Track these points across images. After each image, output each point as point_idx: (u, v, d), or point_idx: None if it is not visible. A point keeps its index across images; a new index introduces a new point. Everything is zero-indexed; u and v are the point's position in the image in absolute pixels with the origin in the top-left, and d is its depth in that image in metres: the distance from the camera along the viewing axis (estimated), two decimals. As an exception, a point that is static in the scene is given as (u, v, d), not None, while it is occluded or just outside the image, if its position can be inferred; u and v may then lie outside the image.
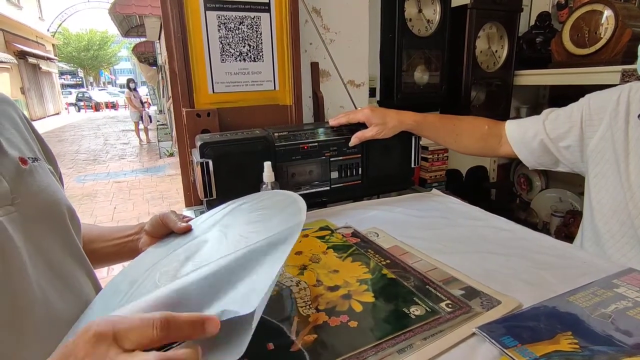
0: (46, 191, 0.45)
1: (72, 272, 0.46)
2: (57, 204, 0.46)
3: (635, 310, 0.45)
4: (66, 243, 0.47)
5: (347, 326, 0.44)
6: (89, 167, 6.18)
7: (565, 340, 0.40)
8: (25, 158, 0.44)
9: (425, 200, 0.89)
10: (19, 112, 0.51)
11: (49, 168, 0.50)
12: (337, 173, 0.86)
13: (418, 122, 0.86)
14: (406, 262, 0.59)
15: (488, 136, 0.88)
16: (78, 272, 0.48)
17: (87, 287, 0.48)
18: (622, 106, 0.70)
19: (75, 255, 0.48)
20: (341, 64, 1.14)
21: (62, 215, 0.47)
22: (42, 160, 0.49)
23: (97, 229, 0.64)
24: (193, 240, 0.51)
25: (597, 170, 0.73)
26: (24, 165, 0.43)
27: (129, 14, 6.72)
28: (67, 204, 0.48)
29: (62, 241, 0.46)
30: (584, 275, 0.55)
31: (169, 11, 0.86)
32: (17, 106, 0.51)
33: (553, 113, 0.80)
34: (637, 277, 0.53)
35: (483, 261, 0.60)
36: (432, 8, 1.39)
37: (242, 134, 0.80)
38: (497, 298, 0.49)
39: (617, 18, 1.23)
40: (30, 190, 0.43)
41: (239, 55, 0.94)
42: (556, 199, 1.77)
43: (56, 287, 0.42)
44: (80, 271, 0.48)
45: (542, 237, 0.70)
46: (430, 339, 0.42)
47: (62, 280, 0.44)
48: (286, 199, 0.51)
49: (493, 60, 1.57)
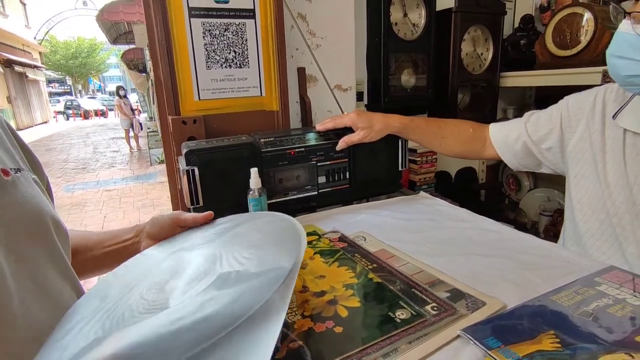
0: (30, 202, 0.44)
1: (57, 285, 0.46)
2: (41, 216, 0.45)
3: (616, 307, 0.46)
4: (51, 255, 0.46)
5: (332, 332, 0.44)
6: (78, 175, 6.11)
7: (547, 340, 0.41)
8: (7, 169, 0.44)
9: (412, 203, 0.90)
10: (1, 121, 0.50)
11: (34, 178, 0.49)
12: (324, 178, 0.86)
13: (404, 125, 0.86)
14: (392, 266, 0.59)
15: (473, 139, 0.89)
16: (63, 285, 0.47)
17: (72, 300, 0.47)
18: (598, 107, 0.71)
19: (61, 268, 0.47)
20: (328, 68, 1.14)
21: (47, 227, 0.46)
22: (26, 170, 0.48)
23: (95, 235, 0.64)
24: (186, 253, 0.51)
25: (576, 171, 0.74)
26: (5, 177, 0.43)
27: (117, 21, 6.69)
28: (52, 215, 0.47)
29: (47, 254, 0.45)
30: (567, 274, 0.56)
31: (152, 19, 0.86)
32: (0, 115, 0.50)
33: (534, 115, 0.81)
34: (618, 274, 0.54)
35: (469, 263, 0.61)
36: (417, 12, 1.40)
37: (228, 140, 0.80)
38: (482, 299, 0.50)
39: (597, 20, 1.26)
40: (13, 201, 0.42)
41: (225, 62, 0.94)
42: (544, 199, 1.79)
43: (40, 300, 0.42)
44: (65, 284, 0.47)
45: (528, 237, 0.71)
46: (415, 342, 0.42)
47: (46, 294, 0.43)
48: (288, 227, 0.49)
49: (479, 63, 1.59)
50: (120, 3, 6.23)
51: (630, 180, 0.65)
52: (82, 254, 0.61)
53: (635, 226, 0.64)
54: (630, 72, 0.57)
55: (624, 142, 0.67)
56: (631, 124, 0.66)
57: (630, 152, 0.66)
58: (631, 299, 0.47)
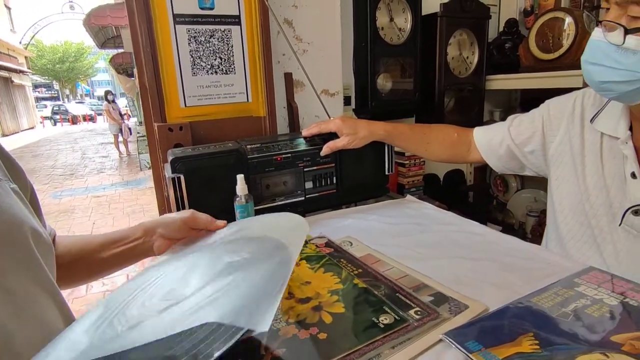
0: (7, 213, 0.44)
1: (36, 298, 0.45)
2: (19, 226, 0.44)
3: (593, 308, 0.47)
4: (30, 267, 0.45)
5: (316, 338, 0.44)
6: (66, 182, 6.02)
7: (526, 342, 0.42)
8: None
9: (399, 207, 0.91)
10: None
11: (13, 188, 0.48)
12: (311, 183, 0.86)
13: (389, 132, 0.87)
14: (377, 271, 0.59)
15: (457, 144, 0.90)
16: (43, 298, 0.46)
17: (52, 313, 0.46)
18: (577, 111, 0.73)
19: (41, 280, 0.46)
20: (315, 73, 1.15)
21: (24, 238, 0.45)
22: (4, 180, 0.47)
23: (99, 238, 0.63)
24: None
25: (557, 173, 0.75)
26: None
27: (104, 25, 6.63)
28: (31, 226, 0.46)
29: (24, 266, 0.44)
30: (548, 275, 0.57)
31: (137, 26, 0.86)
32: None
33: (517, 119, 0.83)
34: (596, 275, 0.55)
35: (453, 266, 0.62)
36: (403, 17, 1.42)
37: (215, 147, 0.80)
38: (465, 303, 0.50)
39: (578, 25, 1.29)
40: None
41: (211, 68, 0.94)
42: (531, 199, 1.82)
43: (17, 314, 0.41)
44: (46, 297, 0.46)
45: (512, 239, 0.72)
46: (398, 347, 0.43)
47: (23, 308, 0.42)
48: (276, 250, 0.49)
49: (465, 66, 1.61)
50: (108, 7, 6.18)
51: (607, 182, 0.67)
52: (88, 258, 0.61)
53: (612, 227, 0.65)
54: (603, 78, 0.59)
55: (601, 145, 0.69)
56: (607, 128, 0.68)
57: (607, 155, 0.68)
58: (608, 299, 0.49)
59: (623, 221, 0.64)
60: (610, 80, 0.58)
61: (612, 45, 0.56)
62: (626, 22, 0.55)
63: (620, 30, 0.55)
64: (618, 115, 0.67)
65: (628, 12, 0.55)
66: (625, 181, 0.65)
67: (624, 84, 0.57)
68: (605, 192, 0.67)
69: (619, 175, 0.66)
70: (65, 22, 22.98)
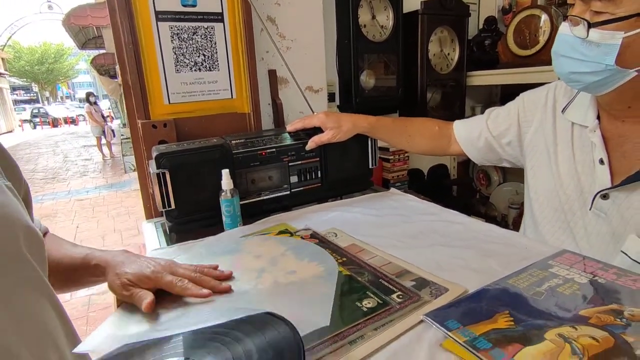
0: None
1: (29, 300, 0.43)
2: (10, 226, 0.43)
3: (565, 287, 0.49)
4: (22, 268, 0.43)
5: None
6: (47, 186, 5.88)
7: (502, 319, 0.44)
8: None
9: (383, 200, 0.93)
10: None
11: (7, 185, 0.46)
12: (296, 177, 0.88)
13: (371, 124, 0.89)
14: (362, 259, 0.61)
15: (439, 137, 0.92)
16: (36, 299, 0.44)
17: (47, 315, 0.45)
18: (549, 102, 0.76)
19: (34, 281, 0.45)
20: (298, 70, 1.16)
21: (15, 238, 0.43)
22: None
23: (65, 260, 0.57)
24: None
25: (533, 162, 0.78)
26: None
27: (85, 25, 6.50)
28: (24, 224, 0.45)
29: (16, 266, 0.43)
30: (525, 259, 0.59)
31: (118, 23, 0.85)
32: None
33: (494, 112, 0.86)
34: (569, 257, 0.57)
35: (435, 254, 0.64)
36: (384, 14, 1.44)
37: (199, 143, 0.80)
38: (445, 286, 0.52)
39: (553, 22, 1.33)
40: None
41: (194, 65, 0.94)
42: (513, 192, 1.86)
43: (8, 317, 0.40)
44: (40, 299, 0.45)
45: (491, 227, 0.74)
46: (381, 329, 0.44)
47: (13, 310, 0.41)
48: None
49: (446, 63, 1.65)
50: (88, 7, 6.06)
51: (578, 169, 0.70)
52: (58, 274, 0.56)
53: (583, 212, 0.69)
54: (571, 69, 0.62)
55: (572, 134, 0.72)
56: (577, 118, 0.71)
57: (578, 144, 0.71)
58: (579, 278, 0.51)
59: (593, 205, 0.67)
60: (577, 71, 0.61)
61: (578, 38, 0.59)
62: (589, 16, 0.58)
63: (584, 24, 0.58)
64: (587, 105, 0.70)
65: (591, 7, 0.58)
66: (594, 167, 0.68)
67: (590, 74, 0.60)
68: (577, 179, 0.70)
69: (588, 162, 0.69)
70: (43, 23, 22.43)
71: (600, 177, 0.67)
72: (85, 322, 2.22)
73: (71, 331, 0.50)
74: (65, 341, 0.47)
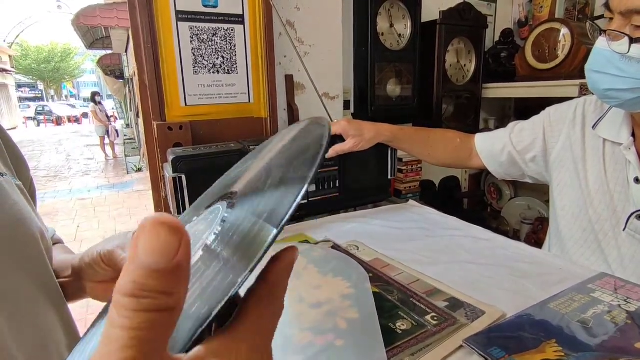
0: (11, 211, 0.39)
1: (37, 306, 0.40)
2: (25, 226, 0.40)
3: (612, 315, 0.46)
4: (33, 271, 0.40)
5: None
6: (49, 184, 5.86)
7: (550, 349, 0.41)
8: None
9: (402, 212, 0.90)
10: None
11: (18, 184, 0.44)
12: (314, 186, 0.85)
13: (394, 134, 0.86)
14: (389, 275, 0.58)
15: (460, 149, 0.90)
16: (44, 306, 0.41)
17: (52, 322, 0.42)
18: (578, 118, 0.74)
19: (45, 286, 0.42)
20: (315, 76, 1.14)
21: (31, 238, 0.40)
22: (8, 175, 0.43)
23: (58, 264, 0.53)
24: None
25: (559, 179, 0.76)
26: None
27: (94, 25, 6.52)
28: (39, 226, 0.42)
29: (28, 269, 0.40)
30: (561, 281, 0.56)
31: (138, 21, 0.83)
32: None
33: (518, 126, 0.83)
34: (609, 281, 0.54)
35: (463, 271, 0.61)
36: (403, 23, 1.42)
37: (217, 147, 0.78)
38: (481, 308, 0.49)
39: (573, 36, 1.31)
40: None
41: (213, 67, 0.92)
42: (525, 207, 1.83)
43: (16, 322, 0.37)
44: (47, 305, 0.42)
45: (519, 245, 0.71)
46: (419, 353, 0.41)
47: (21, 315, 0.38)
48: None
49: (462, 74, 1.63)
50: (98, 7, 6.09)
51: (610, 187, 0.67)
52: None
53: (616, 232, 0.66)
54: (608, 86, 0.59)
55: (604, 151, 0.69)
56: (610, 134, 0.68)
57: (610, 161, 0.68)
58: (625, 305, 0.48)
59: (627, 226, 0.64)
60: (615, 88, 0.58)
61: (617, 54, 0.57)
62: (630, 31, 0.56)
63: (625, 40, 0.56)
64: (620, 121, 0.68)
65: (632, 21, 0.56)
66: (628, 186, 0.65)
67: (628, 91, 0.58)
68: (609, 197, 0.67)
69: (622, 180, 0.66)
70: (52, 22, 22.62)
71: (636, 196, 0.64)
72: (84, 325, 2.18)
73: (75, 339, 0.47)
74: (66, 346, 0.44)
